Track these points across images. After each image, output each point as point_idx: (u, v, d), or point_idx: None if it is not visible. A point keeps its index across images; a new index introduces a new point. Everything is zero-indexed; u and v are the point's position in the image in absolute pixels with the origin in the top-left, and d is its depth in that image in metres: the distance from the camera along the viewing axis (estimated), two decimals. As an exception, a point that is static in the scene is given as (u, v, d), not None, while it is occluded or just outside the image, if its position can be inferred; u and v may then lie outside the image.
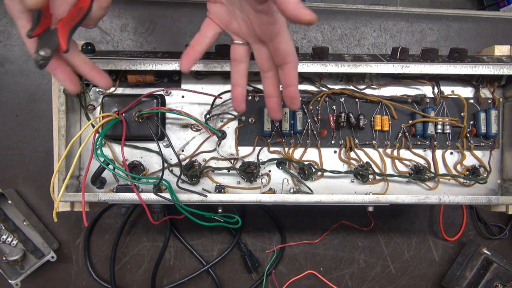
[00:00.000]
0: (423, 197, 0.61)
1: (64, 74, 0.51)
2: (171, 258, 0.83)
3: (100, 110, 0.63)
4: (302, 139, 0.66)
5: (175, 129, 0.65)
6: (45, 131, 0.80)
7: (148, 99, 0.61)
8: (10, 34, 0.80)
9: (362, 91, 0.65)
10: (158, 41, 0.82)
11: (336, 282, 0.85)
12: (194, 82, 0.65)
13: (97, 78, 0.53)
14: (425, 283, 0.86)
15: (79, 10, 0.46)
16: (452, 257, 0.86)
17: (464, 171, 0.66)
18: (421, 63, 0.60)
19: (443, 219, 0.84)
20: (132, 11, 0.82)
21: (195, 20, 0.82)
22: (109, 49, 0.81)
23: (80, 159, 0.65)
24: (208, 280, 0.84)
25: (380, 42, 0.85)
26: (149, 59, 0.60)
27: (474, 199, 0.62)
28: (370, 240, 0.85)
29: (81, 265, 0.82)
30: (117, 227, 0.82)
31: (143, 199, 0.59)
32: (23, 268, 0.78)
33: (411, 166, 0.66)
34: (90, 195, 0.61)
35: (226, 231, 0.84)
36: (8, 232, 0.78)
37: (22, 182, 0.80)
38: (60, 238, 0.82)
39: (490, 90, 0.66)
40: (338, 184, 0.67)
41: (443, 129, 0.65)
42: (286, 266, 0.85)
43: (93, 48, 0.62)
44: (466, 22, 0.86)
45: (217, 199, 0.61)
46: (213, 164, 0.66)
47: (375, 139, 0.66)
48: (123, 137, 0.59)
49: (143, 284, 0.83)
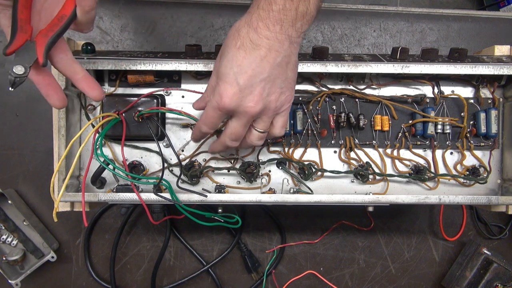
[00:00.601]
0: (423, 197, 0.61)
1: (48, 88, 0.48)
2: (171, 258, 0.83)
3: (100, 110, 0.63)
4: (302, 139, 0.66)
5: (175, 129, 0.65)
6: (45, 131, 0.80)
7: (148, 99, 0.61)
8: (10, 34, 0.80)
9: (362, 91, 0.65)
10: (158, 41, 0.82)
11: (336, 282, 0.85)
12: (194, 82, 0.65)
13: (87, 89, 0.50)
14: (425, 283, 0.86)
15: (60, 19, 0.44)
16: (452, 257, 0.86)
17: (464, 171, 0.66)
18: (421, 63, 0.60)
19: (443, 219, 0.84)
20: (132, 11, 0.82)
21: (195, 20, 0.82)
22: (109, 49, 0.81)
23: (80, 159, 0.65)
24: (208, 280, 0.84)
25: (380, 42, 0.85)
26: (149, 59, 0.60)
27: (474, 199, 0.62)
28: (370, 240, 0.85)
29: (81, 265, 0.82)
30: (117, 227, 0.82)
31: (143, 199, 0.59)
32: (23, 268, 0.78)
33: (411, 166, 0.66)
34: (90, 195, 0.61)
35: (226, 231, 0.84)
36: (8, 232, 0.78)
37: (22, 182, 0.80)
38: (60, 238, 0.82)
39: (490, 90, 0.66)
40: (338, 184, 0.67)
41: (443, 129, 0.65)
42: (286, 266, 0.85)
43: (93, 48, 0.62)
44: (466, 22, 0.86)
45: (217, 199, 0.61)
46: (213, 164, 0.66)
47: (375, 139, 0.66)
48: (123, 137, 0.59)
49: (143, 284, 0.83)
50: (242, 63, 0.46)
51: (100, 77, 0.64)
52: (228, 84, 0.47)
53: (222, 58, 0.48)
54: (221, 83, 0.48)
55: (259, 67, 0.46)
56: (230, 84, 0.47)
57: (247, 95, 0.47)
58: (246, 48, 0.46)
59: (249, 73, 0.46)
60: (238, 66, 0.46)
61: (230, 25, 0.83)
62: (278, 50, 0.46)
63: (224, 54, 0.48)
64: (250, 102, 0.47)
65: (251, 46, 0.45)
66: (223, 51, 0.48)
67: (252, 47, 0.45)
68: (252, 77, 0.46)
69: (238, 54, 0.46)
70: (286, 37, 0.46)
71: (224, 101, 0.47)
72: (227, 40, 0.48)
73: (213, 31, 0.83)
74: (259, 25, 0.45)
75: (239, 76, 0.46)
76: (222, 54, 0.49)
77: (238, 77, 0.46)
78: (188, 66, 0.59)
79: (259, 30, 0.45)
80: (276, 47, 0.46)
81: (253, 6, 0.46)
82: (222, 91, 0.47)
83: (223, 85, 0.47)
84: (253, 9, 0.46)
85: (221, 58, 0.48)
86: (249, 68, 0.46)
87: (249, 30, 0.45)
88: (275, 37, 0.45)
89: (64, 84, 0.59)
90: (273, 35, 0.45)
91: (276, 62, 0.46)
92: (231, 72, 0.46)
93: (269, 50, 0.45)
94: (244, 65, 0.46)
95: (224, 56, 0.47)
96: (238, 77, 0.46)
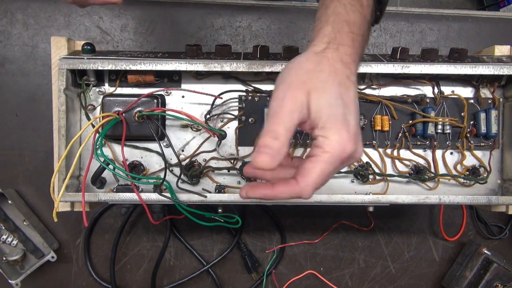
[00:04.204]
0: (423, 197, 0.61)
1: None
2: (171, 258, 0.83)
3: (100, 110, 0.63)
4: (302, 139, 0.66)
5: (175, 129, 0.65)
6: (45, 131, 0.80)
7: (148, 99, 0.61)
8: (10, 34, 0.80)
9: (362, 91, 0.65)
10: (158, 41, 0.82)
11: (336, 282, 0.85)
12: (194, 82, 0.65)
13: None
14: (425, 283, 0.86)
15: None
16: (452, 257, 0.86)
17: (464, 171, 0.66)
18: (421, 63, 0.60)
19: (443, 219, 0.84)
20: (132, 11, 0.82)
21: (195, 20, 0.82)
22: (109, 49, 0.81)
23: (80, 159, 0.65)
24: (208, 280, 0.84)
25: (380, 42, 0.85)
26: (149, 59, 0.60)
27: (474, 199, 0.62)
28: (370, 240, 0.85)
29: (81, 265, 0.82)
30: (117, 227, 0.82)
31: (143, 199, 0.59)
32: (23, 268, 0.78)
33: (411, 166, 0.66)
34: (90, 195, 0.61)
35: (226, 231, 0.84)
36: (8, 232, 0.78)
37: (22, 182, 0.80)
38: (60, 238, 0.82)
39: (490, 90, 0.66)
40: (338, 184, 0.67)
41: (443, 129, 0.65)
42: (286, 266, 0.85)
43: (93, 48, 0.62)
44: (466, 22, 0.86)
45: (217, 199, 0.61)
46: (213, 164, 0.66)
47: (375, 139, 0.66)
48: (123, 137, 0.59)
49: (143, 284, 0.83)
50: (347, 102, 0.40)
51: (100, 77, 0.64)
52: (345, 126, 0.39)
53: (320, 94, 0.39)
54: (340, 127, 0.39)
55: (356, 105, 0.41)
56: (347, 127, 0.39)
57: (359, 139, 0.41)
58: (346, 85, 0.40)
59: (356, 113, 0.41)
60: (346, 106, 0.40)
61: (230, 25, 0.82)
62: (357, 86, 0.42)
63: (320, 89, 0.39)
64: (361, 146, 0.41)
65: (348, 83, 0.41)
66: (316, 86, 0.39)
67: (349, 83, 0.41)
68: (357, 117, 0.41)
69: (342, 92, 0.40)
70: None
71: (349, 148, 0.39)
72: (321, 73, 0.40)
73: (213, 31, 0.83)
74: (348, 60, 0.41)
75: (349, 116, 0.40)
76: (314, 88, 0.39)
77: (349, 118, 0.40)
78: (188, 66, 0.59)
79: (349, 65, 0.41)
80: (356, 83, 0.42)
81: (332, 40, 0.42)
82: (345, 137, 0.39)
83: (343, 129, 0.39)
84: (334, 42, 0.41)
85: (317, 94, 0.39)
86: (353, 107, 0.41)
87: (343, 66, 0.41)
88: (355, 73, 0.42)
89: (65, 84, 0.59)
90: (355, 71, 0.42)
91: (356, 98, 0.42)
92: (345, 112, 0.39)
93: (355, 86, 0.42)
94: (349, 103, 0.40)
95: (327, 93, 0.39)
96: (349, 117, 0.40)
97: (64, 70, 0.59)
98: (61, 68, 0.59)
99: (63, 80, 0.59)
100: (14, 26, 0.80)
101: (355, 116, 0.40)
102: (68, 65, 0.59)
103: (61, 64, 0.59)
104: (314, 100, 0.39)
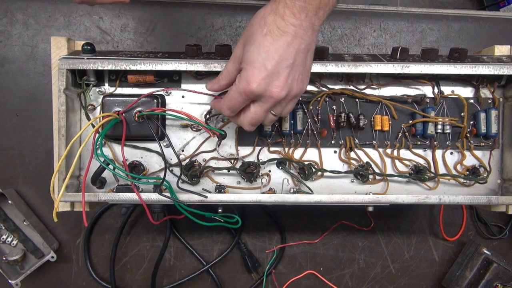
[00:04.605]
0: (423, 197, 0.61)
1: None
2: (171, 258, 0.83)
3: (100, 110, 0.63)
4: (302, 139, 0.66)
5: (175, 129, 0.65)
6: (45, 131, 0.80)
7: (148, 99, 0.61)
8: (10, 34, 0.80)
9: (362, 91, 0.65)
10: (158, 41, 0.82)
11: (336, 282, 0.85)
12: (194, 82, 0.65)
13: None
14: (425, 283, 0.86)
15: None
16: (452, 257, 0.86)
17: (464, 171, 0.66)
18: (421, 63, 0.60)
19: (443, 219, 0.84)
20: (132, 11, 0.82)
21: (195, 20, 0.82)
22: (109, 49, 0.81)
23: (80, 159, 0.65)
24: (208, 280, 0.84)
25: (380, 42, 0.85)
26: (149, 59, 0.60)
27: (474, 199, 0.62)
28: (370, 240, 0.85)
29: (81, 265, 0.82)
30: (117, 227, 0.82)
31: (143, 199, 0.59)
32: (23, 268, 0.78)
33: (411, 166, 0.66)
34: (90, 195, 0.61)
35: (226, 231, 0.84)
36: (8, 232, 0.78)
37: (22, 182, 0.80)
38: (60, 238, 0.82)
39: (490, 90, 0.66)
40: (338, 184, 0.67)
41: (443, 129, 0.65)
42: (286, 266, 0.85)
43: (93, 48, 0.62)
44: (466, 22, 0.86)
45: (217, 199, 0.61)
46: (213, 164, 0.66)
47: (375, 139, 0.66)
48: (123, 137, 0.59)
49: (143, 284, 0.83)
50: (269, 49, 0.47)
51: (100, 77, 0.64)
52: (256, 69, 0.48)
53: (247, 45, 0.49)
54: (248, 68, 0.48)
55: (285, 53, 0.47)
56: (258, 69, 0.48)
57: (274, 80, 0.48)
58: (273, 35, 0.47)
59: (276, 58, 0.47)
60: (265, 52, 0.47)
61: (230, 25, 0.83)
62: (302, 37, 0.47)
63: (249, 40, 0.49)
64: (277, 88, 0.48)
65: (278, 32, 0.47)
66: (248, 38, 0.49)
67: (279, 33, 0.47)
68: (279, 63, 0.47)
69: (265, 41, 0.47)
70: (310, 25, 0.47)
71: (252, 85, 0.48)
72: (252, 27, 0.49)
73: (213, 31, 0.83)
74: (286, 12, 0.46)
75: (266, 61, 0.47)
76: (247, 41, 0.49)
77: (266, 63, 0.47)
78: (188, 66, 0.59)
79: (286, 17, 0.46)
80: (301, 34, 0.47)
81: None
82: (250, 76, 0.48)
83: (251, 70, 0.48)
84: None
85: (246, 45, 0.49)
86: (276, 54, 0.47)
87: (275, 18, 0.47)
88: (301, 24, 0.47)
89: (65, 84, 0.59)
90: (299, 23, 0.47)
91: (300, 49, 0.48)
92: (259, 58, 0.47)
93: (294, 37, 0.47)
94: (271, 51, 0.47)
95: (251, 43, 0.48)
96: (266, 62, 0.47)
97: (64, 70, 0.59)
98: (61, 68, 0.59)
99: (63, 80, 0.59)
100: (14, 26, 0.80)
101: (275, 62, 0.47)
102: (68, 65, 0.59)
103: (61, 64, 0.59)
104: (244, 50, 0.50)
